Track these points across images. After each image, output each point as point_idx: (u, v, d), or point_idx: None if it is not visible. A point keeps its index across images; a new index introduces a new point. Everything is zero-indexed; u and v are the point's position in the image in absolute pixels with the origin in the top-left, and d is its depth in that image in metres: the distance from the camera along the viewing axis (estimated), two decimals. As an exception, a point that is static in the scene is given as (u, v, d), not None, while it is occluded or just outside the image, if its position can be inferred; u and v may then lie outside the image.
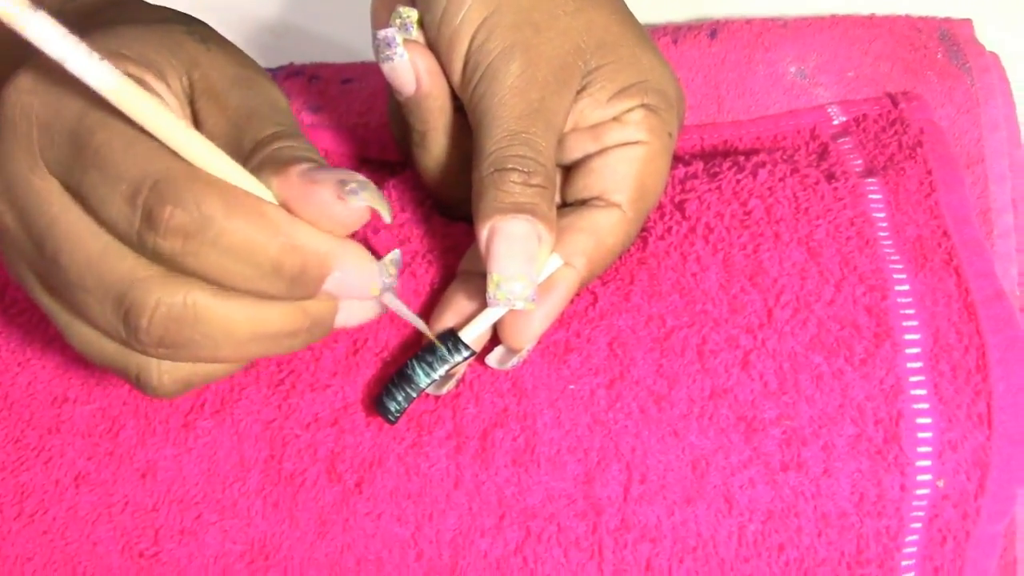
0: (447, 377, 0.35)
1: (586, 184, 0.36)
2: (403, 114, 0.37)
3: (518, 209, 0.33)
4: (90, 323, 0.29)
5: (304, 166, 0.28)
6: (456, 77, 0.36)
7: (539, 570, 0.35)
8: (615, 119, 0.36)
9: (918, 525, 0.35)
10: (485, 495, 0.35)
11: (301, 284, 0.28)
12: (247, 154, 0.29)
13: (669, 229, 0.38)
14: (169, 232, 0.26)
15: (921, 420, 0.34)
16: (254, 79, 0.32)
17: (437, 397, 0.35)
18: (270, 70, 0.48)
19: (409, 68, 0.35)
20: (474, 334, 0.34)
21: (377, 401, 0.34)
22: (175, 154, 0.27)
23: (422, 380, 0.34)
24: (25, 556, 0.35)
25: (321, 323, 0.31)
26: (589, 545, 0.35)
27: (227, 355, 0.29)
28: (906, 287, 0.36)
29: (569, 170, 0.38)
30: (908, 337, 0.35)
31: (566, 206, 0.37)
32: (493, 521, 0.35)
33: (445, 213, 0.39)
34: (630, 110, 0.36)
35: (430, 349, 0.34)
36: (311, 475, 0.35)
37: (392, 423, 0.34)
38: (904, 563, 0.35)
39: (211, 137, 0.29)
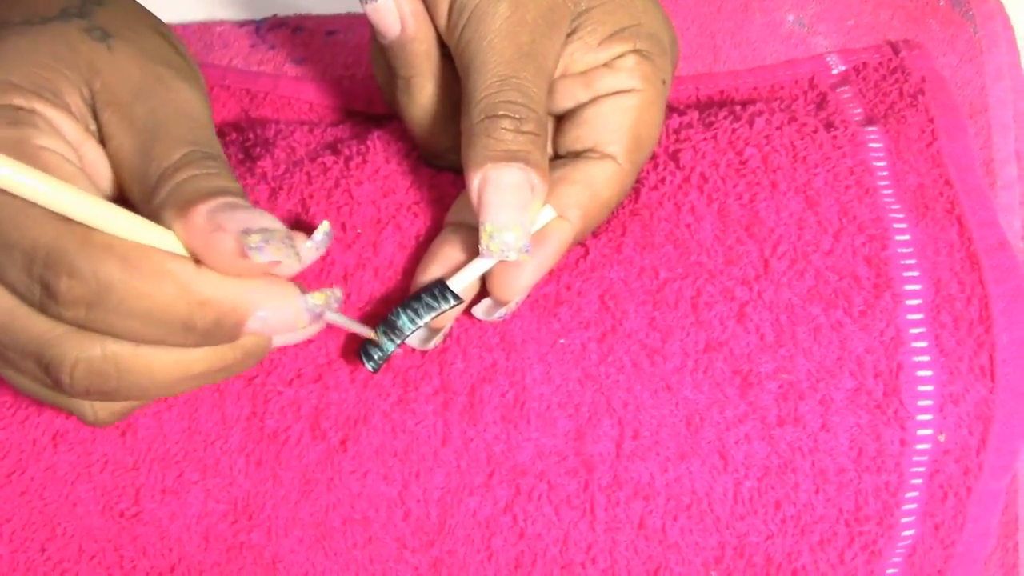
0: (433, 330, 0.34)
1: (579, 135, 0.35)
2: (387, 60, 0.36)
3: (510, 157, 0.32)
4: (19, 375, 0.29)
5: (209, 206, 0.26)
6: (442, 20, 0.34)
7: (529, 529, 0.34)
8: (606, 65, 0.35)
9: (918, 481, 0.34)
10: (473, 452, 0.34)
11: (218, 335, 0.27)
12: (153, 186, 0.28)
13: (663, 179, 0.37)
14: (69, 304, 0.25)
15: (922, 373, 0.33)
16: (163, 81, 0.30)
17: (424, 352, 0.34)
18: (253, 22, 0.47)
19: (393, 9, 0.34)
20: (462, 283, 0.33)
21: (360, 349, 0.33)
22: (68, 218, 0.25)
23: (407, 327, 0.33)
24: (3, 517, 0.34)
25: (253, 354, 0.29)
26: (581, 503, 0.34)
27: (156, 395, 0.29)
28: (907, 237, 0.35)
29: (560, 120, 0.36)
30: (909, 288, 0.34)
31: (559, 158, 0.36)
32: (482, 479, 0.34)
33: (431, 163, 0.38)
34: (622, 55, 0.35)
35: (416, 297, 0.33)
36: (294, 433, 0.34)
37: (374, 372, 0.33)
38: (904, 519, 0.34)
39: (118, 157, 0.28)
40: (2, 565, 0.35)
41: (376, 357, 0.33)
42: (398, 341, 0.33)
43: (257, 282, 0.27)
